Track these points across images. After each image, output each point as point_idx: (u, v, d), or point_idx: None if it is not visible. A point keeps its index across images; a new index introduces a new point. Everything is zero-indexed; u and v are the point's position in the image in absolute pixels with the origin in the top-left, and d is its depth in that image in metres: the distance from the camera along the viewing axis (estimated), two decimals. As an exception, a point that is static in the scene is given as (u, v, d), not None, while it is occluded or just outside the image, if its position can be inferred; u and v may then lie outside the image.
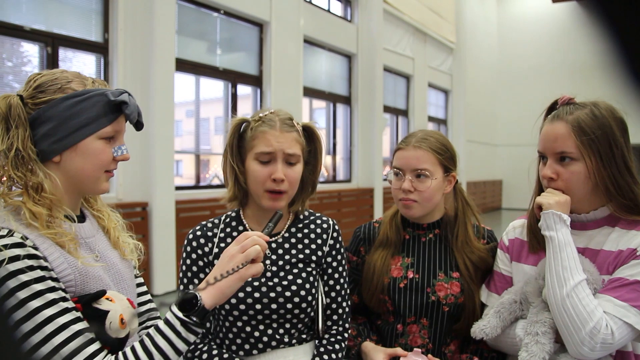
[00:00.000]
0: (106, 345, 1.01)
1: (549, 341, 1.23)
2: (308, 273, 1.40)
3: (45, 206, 1.03)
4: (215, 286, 1.05)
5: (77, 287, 1.04)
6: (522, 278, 1.39)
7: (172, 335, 1.01)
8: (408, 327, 1.49)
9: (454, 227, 1.53)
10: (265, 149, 1.32)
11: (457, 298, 1.47)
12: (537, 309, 1.29)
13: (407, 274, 1.51)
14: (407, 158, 1.48)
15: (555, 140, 1.29)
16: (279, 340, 1.36)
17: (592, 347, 1.16)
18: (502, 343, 1.39)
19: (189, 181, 6.92)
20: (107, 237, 1.22)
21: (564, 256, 1.21)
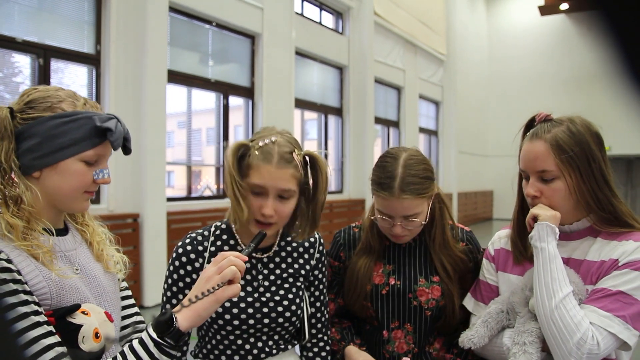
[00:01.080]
0: (78, 359, 1.01)
1: (536, 350, 1.25)
2: (297, 288, 1.42)
3: (23, 218, 1.04)
4: (191, 308, 1.04)
5: (53, 299, 1.04)
6: (508, 288, 1.41)
7: (145, 355, 1.00)
8: (393, 333, 1.50)
9: (432, 230, 1.53)
10: (259, 182, 1.28)
11: (438, 302, 1.49)
12: (524, 319, 1.31)
13: (388, 281, 1.52)
14: (394, 209, 1.43)
15: (535, 159, 1.31)
16: (267, 352, 1.38)
17: (579, 358, 1.18)
18: (489, 352, 1.41)
19: (181, 192, 6.90)
20: (90, 250, 1.21)
21: (553, 268, 1.23)
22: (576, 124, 1.30)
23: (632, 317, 1.19)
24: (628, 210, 1.30)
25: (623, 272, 1.22)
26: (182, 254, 1.39)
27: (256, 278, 1.39)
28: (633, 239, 1.26)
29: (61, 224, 1.17)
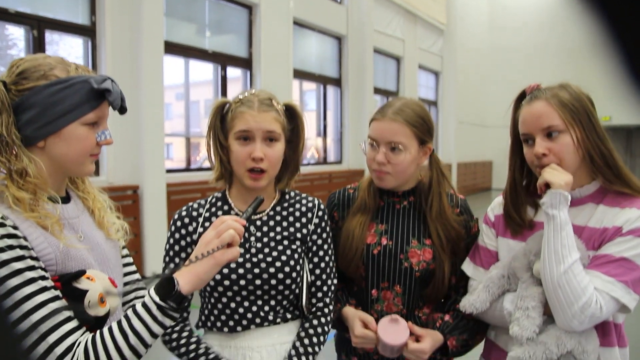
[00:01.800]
0: (85, 323, 1.04)
1: (538, 315, 1.28)
2: (293, 250, 1.42)
3: (29, 191, 1.05)
4: (192, 272, 1.07)
5: (58, 266, 1.06)
6: (508, 253, 1.43)
7: (148, 318, 1.03)
8: (382, 293, 1.52)
9: (428, 197, 1.55)
10: (243, 127, 1.35)
11: (428, 264, 1.50)
12: (526, 283, 1.33)
13: (380, 241, 1.53)
14: (382, 130, 1.49)
15: (539, 117, 1.32)
16: (263, 318, 1.39)
17: (581, 321, 1.22)
18: (489, 316, 1.44)
19: (180, 164, 6.90)
20: (92, 218, 1.23)
21: (564, 235, 1.25)
22: (571, 86, 1.35)
23: (633, 282, 1.23)
24: (627, 170, 1.33)
25: (626, 238, 1.25)
26: (178, 220, 1.44)
27: (248, 240, 1.40)
28: (636, 206, 1.29)
29: (63, 191, 1.19)
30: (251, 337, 1.38)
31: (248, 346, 1.38)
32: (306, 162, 9.20)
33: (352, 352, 1.59)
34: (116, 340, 1.01)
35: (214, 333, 1.42)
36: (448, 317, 1.50)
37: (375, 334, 1.42)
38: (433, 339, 1.43)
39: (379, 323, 1.43)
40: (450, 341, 1.46)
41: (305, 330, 1.43)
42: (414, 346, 1.41)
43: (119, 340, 1.01)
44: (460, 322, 1.50)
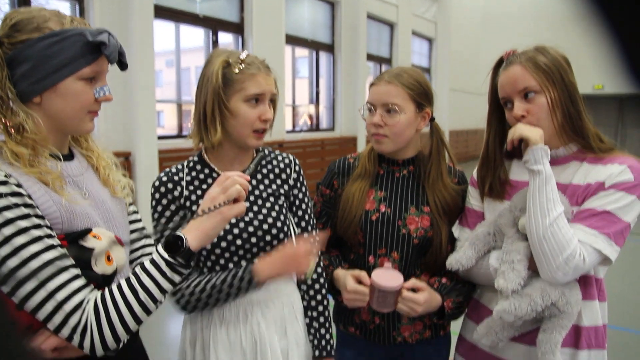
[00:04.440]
0: (92, 281, 1.05)
1: (523, 268, 1.31)
2: (280, 206, 1.46)
3: (28, 146, 1.03)
4: (199, 228, 1.08)
5: (64, 224, 1.06)
6: (494, 213, 1.46)
7: (158, 275, 1.05)
8: (379, 260, 1.54)
9: (427, 164, 1.57)
10: (257, 91, 1.36)
11: (426, 232, 1.53)
12: (511, 239, 1.36)
13: (379, 207, 1.56)
14: (378, 93, 1.52)
15: (515, 81, 1.37)
16: None
17: (565, 272, 1.26)
18: (475, 274, 1.47)
19: (171, 132, 6.86)
20: (96, 175, 1.23)
21: (549, 189, 1.29)
22: (546, 47, 1.39)
23: (615, 234, 1.27)
24: (595, 131, 1.38)
25: (609, 192, 1.29)
26: (160, 186, 1.42)
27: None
28: (618, 162, 1.33)
29: (66, 149, 1.17)
30: (249, 293, 1.41)
31: (248, 302, 1.41)
32: (298, 129, 9.16)
33: (349, 323, 1.63)
34: (126, 297, 1.02)
35: None
36: (445, 280, 1.53)
37: (368, 287, 1.43)
38: (430, 295, 1.45)
39: (373, 272, 1.45)
40: (447, 303, 1.48)
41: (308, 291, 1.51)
42: (408, 294, 1.41)
43: (129, 296, 1.02)
44: (457, 285, 1.53)
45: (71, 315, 0.98)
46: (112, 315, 1.01)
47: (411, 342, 1.58)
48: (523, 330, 1.38)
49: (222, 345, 1.40)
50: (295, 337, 1.46)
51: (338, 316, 1.66)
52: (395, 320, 1.56)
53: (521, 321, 1.33)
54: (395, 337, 1.57)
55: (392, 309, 1.44)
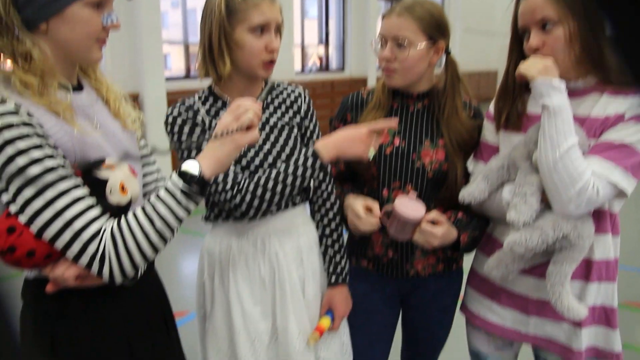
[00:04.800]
0: (107, 211, 1.06)
1: (536, 201, 1.30)
2: (295, 137, 1.46)
3: (36, 75, 1.02)
4: (213, 157, 1.08)
5: (77, 155, 1.06)
6: (509, 146, 1.44)
7: (173, 203, 1.05)
8: (393, 193, 1.54)
9: (442, 98, 1.54)
10: (261, 20, 1.33)
11: (441, 165, 1.52)
12: (525, 172, 1.34)
13: (393, 141, 1.54)
14: (389, 26, 1.48)
15: (533, 10, 1.31)
16: (280, 207, 1.43)
17: (578, 205, 1.25)
18: (487, 207, 1.47)
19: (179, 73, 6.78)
20: (107, 108, 1.22)
21: (559, 121, 1.25)
22: None
23: (633, 167, 1.25)
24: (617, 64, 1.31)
25: (628, 124, 1.26)
26: (178, 116, 1.39)
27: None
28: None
29: (75, 80, 1.16)
30: (267, 223, 1.43)
31: (266, 232, 1.43)
32: (308, 70, 9.02)
33: (362, 256, 1.64)
34: (142, 225, 1.03)
35: (230, 223, 1.45)
36: (461, 215, 1.53)
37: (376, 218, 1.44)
38: (448, 229, 1.44)
39: (397, 199, 1.44)
40: (462, 237, 1.48)
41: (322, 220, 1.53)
42: (427, 227, 1.41)
43: (145, 225, 1.03)
44: (472, 219, 1.52)
45: (89, 243, 1.00)
46: (129, 243, 1.02)
47: (424, 276, 1.60)
48: (533, 263, 1.39)
49: (241, 275, 1.43)
50: (311, 267, 1.49)
51: (351, 250, 1.67)
52: (408, 254, 1.57)
53: (531, 253, 1.34)
54: (408, 270, 1.58)
55: (409, 238, 1.45)
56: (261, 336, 1.46)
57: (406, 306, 1.70)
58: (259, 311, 1.45)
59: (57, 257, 1.03)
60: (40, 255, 1.01)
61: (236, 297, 1.44)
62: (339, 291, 1.53)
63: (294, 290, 1.45)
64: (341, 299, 1.53)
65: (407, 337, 1.78)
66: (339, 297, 1.52)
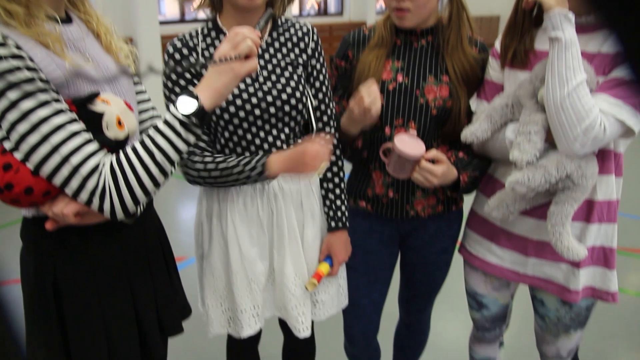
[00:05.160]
0: (105, 146, 1.03)
1: (540, 139, 1.28)
2: (298, 76, 1.42)
3: (21, 4, 0.97)
4: (212, 87, 1.05)
5: (70, 89, 1.03)
6: (514, 84, 1.40)
7: (173, 135, 1.03)
8: (396, 131, 1.51)
9: (447, 32, 1.49)
10: None
11: (445, 101, 1.49)
12: (529, 110, 1.32)
13: (396, 77, 1.51)
14: None
15: None
16: (278, 146, 1.41)
17: (583, 143, 1.23)
18: (490, 147, 1.45)
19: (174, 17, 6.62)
20: (98, 42, 1.18)
21: (568, 56, 1.22)
22: None
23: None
24: None
25: None
26: (175, 52, 1.37)
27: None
28: None
29: (62, 12, 1.11)
30: (256, 183, 1.41)
31: None
32: (305, 13, 8.80)
33: (361, 197, 1.63)
34: (142, 159, 1.01)
35: None
36: (462, 154, 1.51)
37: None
38: (448, 168, 1.43)
39: (396, 136, 1.43)
40: (462, 176, 1.47)
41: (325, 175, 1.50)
42: (427, 165, 1.40)
43: (145, 158, 1.01)
44: (473, 159, 1.51)
45: (88, 178, 0.98)
46: (130, 177, 1.00)
47: (423, 217, 1.60)
48: (534, 204, 1.39)
49: (239, 216, 1.43)
50: (310, 210, 1.48)
51: (350, 190, 1.66)
52: (409, 194, 1.56)
53: (533, 193, 1.33)
54: (408, 211, 1.58)
55: (408, 176, 1.44)
56: (258, 277, 1.47)
57: (405, 247, 1.71)
58: (256, 252, 1.46)
59: (55, 194, 1.02)
60: (39, 192, 0.99)
61: (234, 238, 1.44)
62: (338, 236, 1.52)
63: (292, 233, 1.45)
64: (340, 244, 1.52)
65: (405, 278, 1.80)
66: (338, 242, 1.52)
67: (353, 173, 1.66)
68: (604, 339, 2.60)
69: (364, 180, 1.61)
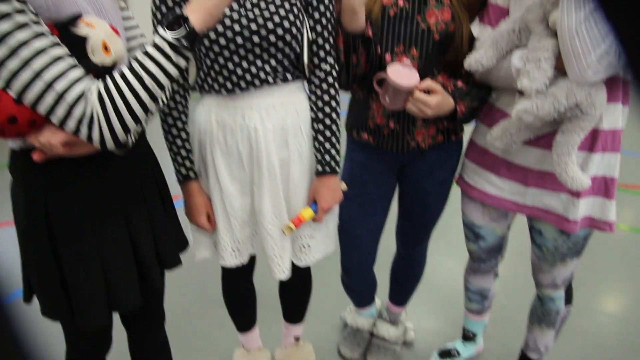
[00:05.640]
0: (91, 72, 0.98)
1: (550, 67, 1.23)
2: (291, 4, 1.32)
3: None
4: (202, 8, 0.99)
5: (51, 12, 0.96)
6: (522, 7, 1.33)
7: (162, 59, 0.97)
8: (396, 58, 1.45)
9: None
10: None
11: (447, 25, 1.42)
12: (539, 36, 1.25)
13: (397, 2, 1.43)
14: None
15: None
16: (263, 79, 1.33)
17: (596, 71, 1.18)
18: (494, 76, 1.40)
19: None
20: None
21: None
22: None
23: None
24: None
25: None
26: None
27: None
28: None
29: None
30: (250, 97, 1.35)
31: (247, 105, 1.35)
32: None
33: (363, 128, 1.58)
34: (131, 84, 0.96)
35: (212, 94, 1.38)
36: (461, 84, 1.46)
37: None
38: (443, 98, 1.38)
39: (389, 65, 1.38)
40: (459, 106, 1.43)
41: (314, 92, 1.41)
42: (420, 95, 1.35)
43: (134, 83, 0.96)
44: (472, 88, 1.46)
45: (74, 106, 0.93)
46: (119, 104, 0.95)
47: (424, 148, 1.56)
48: (539, 133, 1.36)
49: (219, 150, 1.39)
50: (297, 149, 1.42)
51: (352, 122, 1.61)
52: (409, 124, 1.52)
53: (540, 123, 1.29)
54: (409, 142, 1.54)
55: (402, 107, 1.40)
56: (237, 213, 1.44)
57: (403, 178, 1.68)
58: (237, 188, 1.42)
59: (42, 123, 0.97)
60: (23, 122, 0.94)
61: (213, 171, 1.40)
62: (324, 182, 1.44)
63: (272, 172, 1.39)
64: (326, 190, 1.44)
65: (402, 210, 1.79)
66: (324, 188, 1.44)
67: (353, 104, 1.61)
68: (597, 272, 2.65)
69: (364, 111, 1.55)
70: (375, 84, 1.42)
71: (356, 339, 2.08)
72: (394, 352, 2.04)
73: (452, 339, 2.13)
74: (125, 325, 1.44)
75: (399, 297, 2.03)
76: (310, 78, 1.42)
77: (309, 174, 1.47)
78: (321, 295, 2.18)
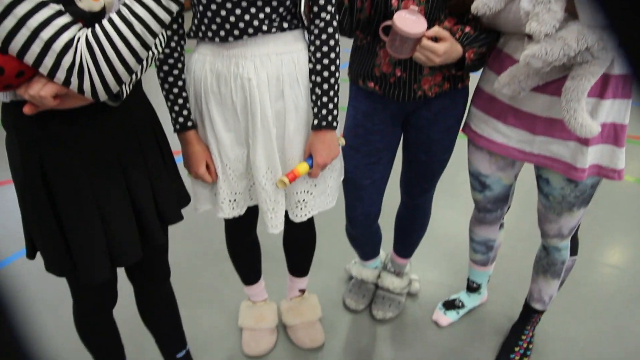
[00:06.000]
0: (78, 19, 0.93)
1: (560, 9, 1.17)
2: None
3: None
4: None
5: None
6: None
7: (152, 3, 0.93)
8: (403, 4, 1.38)
9: None
10: None
11: None
12: None
13: None
14: None
15: None
16: (257, 27, 1.28)
17: None
18: (502, 20, 1.34)
19: None
20: None
21: None
22: None
23: None
24: None
25: None
26: None
27: None
28: None
29: None
30: (245, 46, 1.30)
31: (241, 54, 1.31)
32: None
33: (368, 77, 1.52)
34: (121, 30, 0.92)
35: (206, 42, 1.34)
36: (468, 29, 1.40)
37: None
38: (451, 45, 1.33)
39: (396, 13, 1.32)
40: (468, 53, 1.37)
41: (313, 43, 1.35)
42: (428, 43, 1.30)
43: (124, 30, 0.92)
44: (480, 34, 1.40)
45: (63, 55, 0.89)
46: (109, 52, 0.92)
47: (430, 96, 1.51)
48: (548, 79, 1.31)
49: (214, 98, 1.35)
50: (294, 101, 1.37)
51: (357, 70, 1.56)
52: (416, 73, 1.47)
53: (549, 68, 1.24)
54: (416, 90, 1.49)
55: (409, 56, 1.35)
56: (233, 164, 1.42)
57: (407, 127, 1.64)
58: (232, 138, 1.39)
59: (30, 74, 0.93)
60: (11, 73, 0.90)
61: (209, 121, 1.38)
62: (320, 136, 1.40)
63: (265, 124, 1.35)
64: (322, 145, 1.40)
65: (407, 159, 1.75)
66: (319, 142, 1.40)
67: (357, 52, 1.55)
68: (602, 223, 2.63)
69: (370, 58, 1.50)
70: (381, 32, 1.37)
71: (361, 291, 2.09)
72: (398, 303, 2.05)
73: (456, 290, 2.14)
74: (132, 280, 1.44)
75: (404, 248, 2.03)
76: (310, 28, 1.36)
77: (305, 127, 1.43)
78: (326, 248, 2.18)
